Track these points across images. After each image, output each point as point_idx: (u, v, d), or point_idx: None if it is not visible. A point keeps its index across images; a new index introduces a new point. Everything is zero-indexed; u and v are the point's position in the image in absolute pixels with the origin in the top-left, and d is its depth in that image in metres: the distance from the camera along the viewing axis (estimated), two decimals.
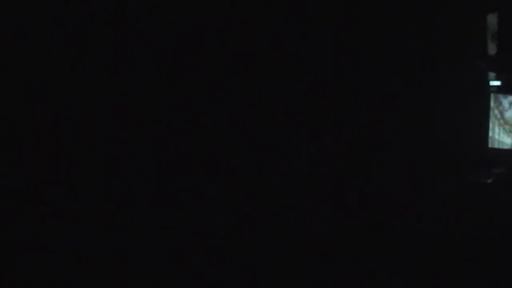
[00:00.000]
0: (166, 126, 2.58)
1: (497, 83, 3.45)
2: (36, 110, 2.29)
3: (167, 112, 2.58)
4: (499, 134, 3.45)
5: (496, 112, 3.45)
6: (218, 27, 2.67)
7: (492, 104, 3.45)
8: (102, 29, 2.40)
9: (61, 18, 2.31)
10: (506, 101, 3.44)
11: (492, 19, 3.40)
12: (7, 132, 2.24)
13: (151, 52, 2.53)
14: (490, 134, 3.45)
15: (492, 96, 3.45)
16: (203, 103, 2.67)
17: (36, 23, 2.26)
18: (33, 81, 2.28)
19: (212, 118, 2.69)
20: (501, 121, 3.44)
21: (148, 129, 2.53)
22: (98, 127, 2.41)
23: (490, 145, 3.46)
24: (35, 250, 2.25)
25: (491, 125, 3.45)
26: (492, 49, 3.42)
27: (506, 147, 3.43)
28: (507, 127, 3.43)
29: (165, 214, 2.53)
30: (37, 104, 2.29)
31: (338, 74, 3.02)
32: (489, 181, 3.18)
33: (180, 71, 2.60)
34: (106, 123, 2.43)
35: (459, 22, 3.34)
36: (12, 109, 2.25)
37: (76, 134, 2.37)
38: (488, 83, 3.47)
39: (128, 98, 2.48)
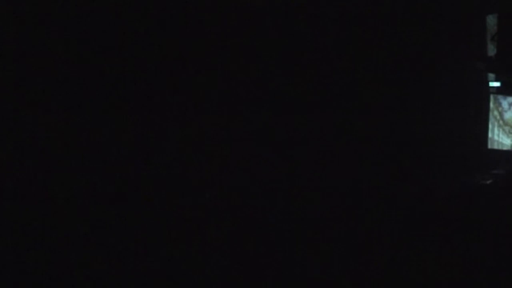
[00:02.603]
0: (165, 126, 2.58)
1: (496, 84, 3.45)
2: (35, 110, 2.29)
3: (166, 111, 2.58)
4: (498, 135, 3.44)
5: (496, 113, 3.45)
6: (217, 27, 2.68)
7: (491, 105, 3.45)
8: (102, 29, 2.40)
9: (61, 17, 2.31)
10: (505, 102, 3.44)
11: (491, 21, 3.40)
12: (7, 132, 2.25)
13: (150, 52, 2.53)
14: (490, 135, 3.45)
15: (491, 97, 3.45)
16: (202, 103, 2.67)
17: (36, 23, 2.27)
18: (33, 81, 2.29)
19: (211, 118, 2.69)
20: (501, 122, 3.44)
21: (148, 129, 2.54)
22: (97, 126, 2.42)
23: (489, 146, 3.45)
24: (34, 250, 2.25)
25: (490, 126, 3.44)
26: (491, 50, 3.42)
27: (505, 148, 3.42)
28: (506, 128, 3.42)
29: (165, 214, 2.53)
30: (36, 103, 2.29)
31: (338, 75, 3.02)
32: (488, 182, 3.18)
33: (179, 70, 2.61)
34: (105, 123, 2.43)
35: (459, 23, 3.34)
36: (12, 109, 2.26)
37: (76, 133, 2.37)
38: (488, 84, 3.47)
39: (128, 98, 2.49)
